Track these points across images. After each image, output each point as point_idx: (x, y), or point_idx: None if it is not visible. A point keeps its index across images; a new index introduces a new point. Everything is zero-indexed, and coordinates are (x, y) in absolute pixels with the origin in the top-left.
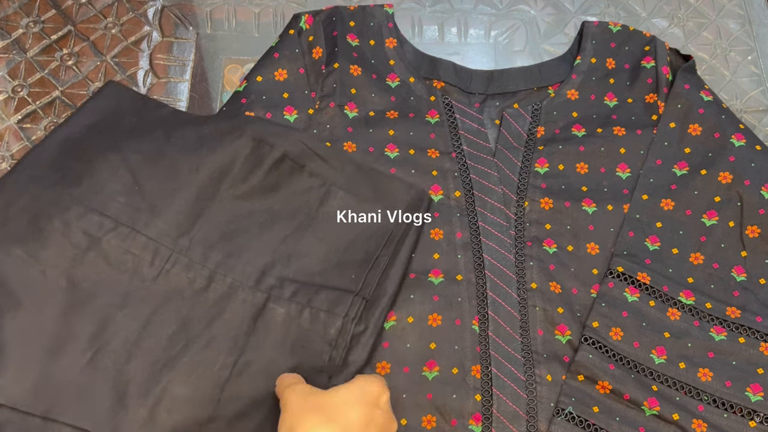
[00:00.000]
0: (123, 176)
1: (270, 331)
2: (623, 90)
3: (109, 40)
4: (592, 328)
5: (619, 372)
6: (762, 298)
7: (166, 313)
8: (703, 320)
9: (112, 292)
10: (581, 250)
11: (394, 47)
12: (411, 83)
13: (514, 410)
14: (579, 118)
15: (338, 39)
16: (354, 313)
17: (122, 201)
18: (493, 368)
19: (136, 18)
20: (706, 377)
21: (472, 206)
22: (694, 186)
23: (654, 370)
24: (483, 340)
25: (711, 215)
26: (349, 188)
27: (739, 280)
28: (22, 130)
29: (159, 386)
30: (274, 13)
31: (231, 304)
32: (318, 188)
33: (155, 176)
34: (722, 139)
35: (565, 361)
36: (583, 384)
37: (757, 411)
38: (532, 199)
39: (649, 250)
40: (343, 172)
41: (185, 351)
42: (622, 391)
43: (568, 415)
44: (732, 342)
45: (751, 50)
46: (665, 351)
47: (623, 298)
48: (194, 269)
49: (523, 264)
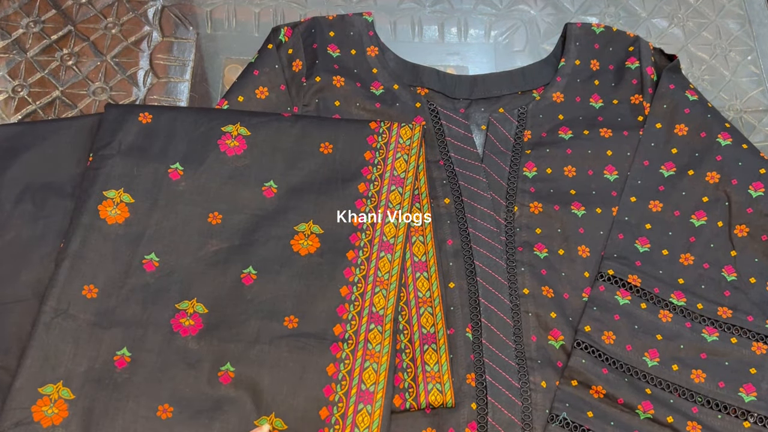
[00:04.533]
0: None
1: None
2: (608, 91)
3: (109, 40)
4: (585, 332)
5: (612, 376)
6: (753, 297)
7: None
8: (695, 321)
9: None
10: (572, 253)
11: (375, 55)
12: (395, 90)
13: (509, 418)
14: (565, 121)
15: (318, 51)
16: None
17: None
18: (488, 376)
19: (136, 18)
20: (699, 379)
21: (461, 213)
22: (681, 186)
23: (647, 372)
24: (477, 348)
25: (700, 215)
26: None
27: (729, 280)
28: None
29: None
30: (274, 13)
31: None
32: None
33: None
34: (709, 138)
35: (558, 366)
36: (577, 389)
37: (751, 411)
38: (522, 203)
39: (639, 252)
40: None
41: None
42: (616, 396)
43: (563, 421)
44: (724, 342)
45: (751, 50)
46: (658, 353)
47: (615, 301)
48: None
49: (514, 270)
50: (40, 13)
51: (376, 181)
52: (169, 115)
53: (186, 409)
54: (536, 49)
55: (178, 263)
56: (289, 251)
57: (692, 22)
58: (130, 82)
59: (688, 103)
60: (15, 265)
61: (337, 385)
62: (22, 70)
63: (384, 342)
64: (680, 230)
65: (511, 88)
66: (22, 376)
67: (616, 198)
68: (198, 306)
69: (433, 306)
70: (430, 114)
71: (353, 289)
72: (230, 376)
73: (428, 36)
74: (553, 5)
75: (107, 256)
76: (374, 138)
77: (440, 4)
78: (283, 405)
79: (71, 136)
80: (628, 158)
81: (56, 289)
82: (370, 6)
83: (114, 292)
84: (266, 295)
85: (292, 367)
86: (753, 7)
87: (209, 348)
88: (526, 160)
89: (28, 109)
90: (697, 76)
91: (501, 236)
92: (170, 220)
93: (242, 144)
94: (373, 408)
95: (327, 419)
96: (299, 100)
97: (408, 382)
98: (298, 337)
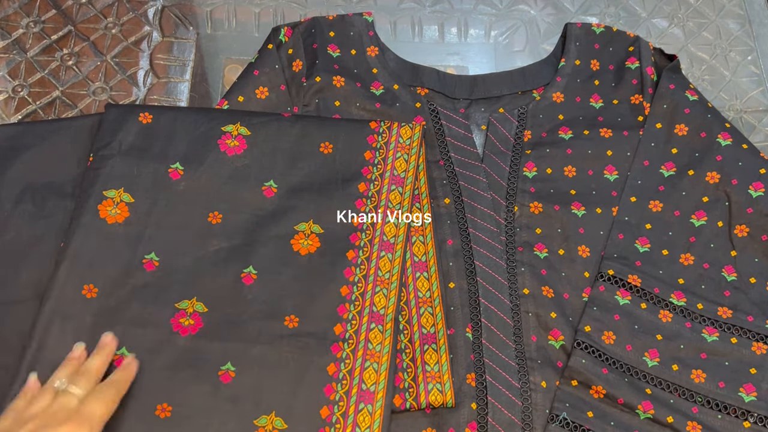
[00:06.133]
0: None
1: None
2: (608, 91)
3: (109, 40)
4: (585, 332)
5: (612, 376)
6: (753, 297)
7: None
8: (695, 321)
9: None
10: (572, 253)
11: (375, 56)
12: (395, 90)
13: (510, 418)
14: (565, 121)
15: (318, 51)
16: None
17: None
18: (488, 376)
19: (136, 18)
20: (699, 379)
21: (461, 213)
22: (682, 187)
23: (647, 372)
24: (477, 348)
25: (700, 215)
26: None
27: (729, 280)
28: None
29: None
30: (274, 13)
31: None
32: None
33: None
34: (709, 138)
35: (558, 366)
36: (577, 389)
37: (751, 411)
38: (522, 203)
39: (639, 252)
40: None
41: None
42: (616, 396)
43: (563, 421)
44: (724, 342)
45: (751, 50)
46: (658, 353)
47: (615, 301)
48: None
49: (514, 270)
50: (40, 13)
51: (376, 180)
52: (169, 115)
53: (185, 409)
54: (536, 49)
55: (178, 263)
56: (289, 251)
57: (692, 22)
58: (130, 82)
59: (688, 103)
60: (15, 265)
61: (338, 385)
62: (22, 70)
63: (384, 342)
64: (680, 230)
65: (511, 88)
66: (20, 377)
67: (616, 198)
68: (198, 305)
69: (433, 306)
70: (430, 114)
71: (353, 288)
72: (231, 376)
73: (428, 36)
74: (553, 5)
75: (107, 255)
76: (374, 138)
77: (440, 4)
78: (283, 404)
79: (71, 136)
80: (628, 158)
81: (56, 289)
82: (370, 6)
83: (114, 291)
84: (267, 294)
85: (292, 366)
86: (753, 7)
87: (209, 347)
88: (526, 160)
89: (28, 109)
90: (697, 76)
91: (501, 236)
92: (170, 219)
93: (242, 144)
94: (374, 408)
95: (328, 418)
96: (299, 100)
97: (408, 382)
98: (299, 336)
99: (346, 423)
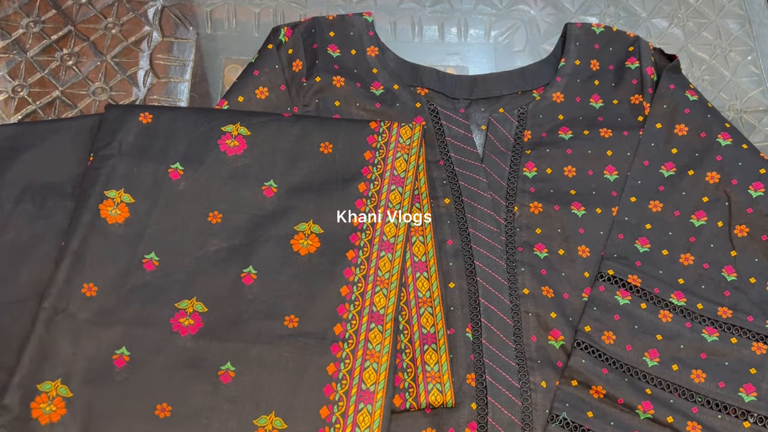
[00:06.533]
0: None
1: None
2: (608, 91)
3: (109, 40)
4: (585, 332)
5: (612, 376)
6: (752, 297)
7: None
8: (695, 321)
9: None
10: (572, 253)
11: (375, 56)
12: (395, 90)
13: (510, 418)
14: (565, 121)
15: (318, 51)
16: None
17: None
18: (488, 376)
19: (136, 18)
20: (699, 379)
21: (461, 213)
22: (681, 187)
23: (647, 373)
24: (477, 348)
25: (699, 215)
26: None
27: (729, 280)
28: None
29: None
30: (274, 13)
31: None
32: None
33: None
34: (709, 138)
35: (558, 366)
36: (577, 389)
37: (751, 411)
38: (522, 203)
39: (639, 252)
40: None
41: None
42: (616, 396)
43: (563, 421)
44: (724, 342)
45: (751, 50)
46: (658, 353)
47: (615, 301)
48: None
49: (514, 270)
50: (40, 13)
51: (376, 180)
52: (169, 115)
53: (185, 409)
54: (536, 49)
55: (178, 263)
56: (289, 251)
57: (692, 22)
58: (130, 82)
59: (688, 103)
60: (15, 265)
61: (337, 384)
62: (22, 70)
63: (384, 342)
64: (680, 230)
65: (511, 88)
66: (20, 373)
67: (616, 198)
68: (198, 305)
69: (433, 306)
70: (430, 114)
71: (353, 288)
72: (230, 376)
73: (428, 36)
74: (553, 5)
75: (107, 255)
76: (374, 138)
77: (440, 4)
78: (283, 404)
79: (71, 136)
80: (628, 158)
81: (56, 288)
82: (370, 6)
83: (114, 291)
84: (266, 294)
85: (292, 366)
86: (753, 7)
87: (209, 347)
88: (526, 160)
89: (28, 109)
90: (697, 76)
91: (501, 236)
92: (170, 219)
93: (242, 144)
94: (374, 408)
95: (327, 418)
96: (299, 100)
97: (408, 382)
98: (299, 336)
99: (345, 423)
